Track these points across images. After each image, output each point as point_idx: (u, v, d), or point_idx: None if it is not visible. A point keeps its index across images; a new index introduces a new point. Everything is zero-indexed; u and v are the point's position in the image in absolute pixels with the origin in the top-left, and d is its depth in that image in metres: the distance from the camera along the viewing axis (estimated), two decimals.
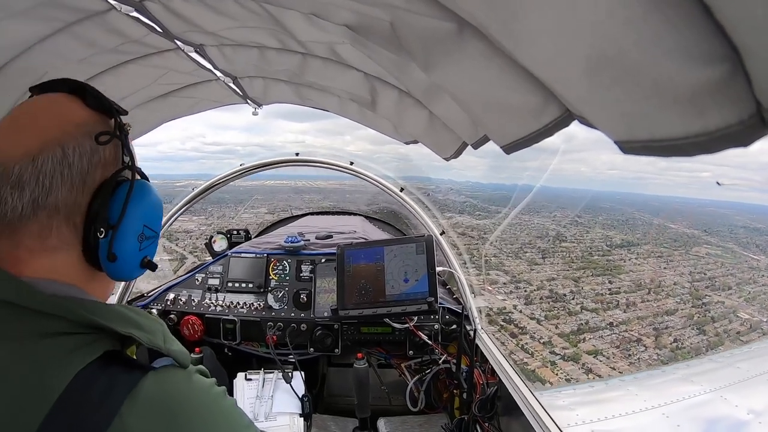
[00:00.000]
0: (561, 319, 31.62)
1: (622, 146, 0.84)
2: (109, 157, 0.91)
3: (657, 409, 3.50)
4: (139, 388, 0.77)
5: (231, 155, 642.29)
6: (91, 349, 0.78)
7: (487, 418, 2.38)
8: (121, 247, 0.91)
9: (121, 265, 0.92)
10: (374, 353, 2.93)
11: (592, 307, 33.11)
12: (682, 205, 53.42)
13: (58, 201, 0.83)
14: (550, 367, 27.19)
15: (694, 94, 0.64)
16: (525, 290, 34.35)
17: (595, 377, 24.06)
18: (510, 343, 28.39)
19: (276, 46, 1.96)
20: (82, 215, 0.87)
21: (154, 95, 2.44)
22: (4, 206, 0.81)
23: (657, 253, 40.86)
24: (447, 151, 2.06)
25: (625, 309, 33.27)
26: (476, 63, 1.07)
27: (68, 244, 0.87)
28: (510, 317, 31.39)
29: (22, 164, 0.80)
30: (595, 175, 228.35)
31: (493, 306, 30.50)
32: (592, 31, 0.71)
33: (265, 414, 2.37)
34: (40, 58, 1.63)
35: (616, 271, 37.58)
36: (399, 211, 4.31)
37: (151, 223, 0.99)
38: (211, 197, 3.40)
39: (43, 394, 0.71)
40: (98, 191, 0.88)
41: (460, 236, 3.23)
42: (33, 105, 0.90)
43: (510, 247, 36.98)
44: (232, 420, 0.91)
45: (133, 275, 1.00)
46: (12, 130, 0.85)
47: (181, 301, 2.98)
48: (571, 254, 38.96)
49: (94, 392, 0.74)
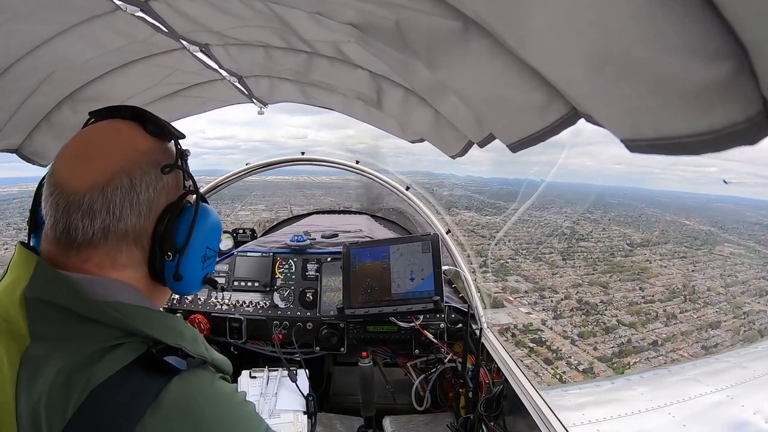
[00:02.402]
0: (598, 337, 28.30)
1: (628, 144, 0.84)
2: (171, 183, 0.96)
3: (663, 408, 3.49)
4: (163, 393, 0.79)
5: (234, 150, 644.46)
6: (123, 354, 0.81)
7: (492, 417, 2.37)
8: (186, 268, 0.97)
9: (186, 284, 0.98)
10: (380, 352, 2.93)
11: (628, 320, 30.07)
12: (691, 201, 52.30)
13: (128, 227, 0.89)
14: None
15: (701, 91, 0.64)
16: (551, 300, 31.47)
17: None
18: (545, 372, 25.56)
19: (281, 45, 1.96)
20: (148, 238, 0.92)
21: (160, 95, 2.44)
22: (75, 231, 0.85)
23: (680, 253, 39.05)
24: (453, 150, 2.05)
25: (666, 322, 30.33)
26: (481, 61, 1.07)
27: (136, 262, 0.93)
28: (539, 336, 27.98)
29: (93, 194, 0.85)
30: (602, 170, 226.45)
31: (518, 321, 28.07)
32: (597, 28, 0.71)
33: (269, 411, 2.38)
34: (46, 58, 1.64)
35: (644, 275, 35.37)
36: (404, 209, 4.30)
37: (212, 244, 1.05)
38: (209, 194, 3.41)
39: (70, 398, 0.74)
40: (163, 215, 0.93)
41: (470, 235, 3.22)
42: (98, 132, 0.94)
43: (526, 247, 35.32)
44: (252, 426, 0.94)
45: (195, 291, 1.06)
46: (81, 158, 0.89)
47: (187, 300, 2.99)
48: (592, 255, 37.10)
49: (119, 398, 0.76)
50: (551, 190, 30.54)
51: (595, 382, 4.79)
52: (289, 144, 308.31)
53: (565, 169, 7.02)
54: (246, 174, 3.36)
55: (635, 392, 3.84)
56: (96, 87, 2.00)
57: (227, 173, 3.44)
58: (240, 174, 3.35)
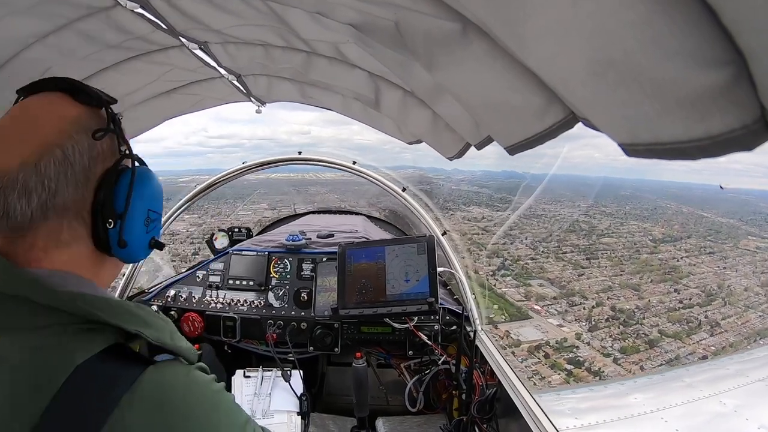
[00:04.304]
0: (642, 353, 24.84)
1: (625, 149, 0.84)
2: (106, 149, 0.93)
3: (656, 413, 3.50)
4: (138, 381, 0.78)
5: (237, 149, 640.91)
6: (93, 343, 0.80)
7: (485, 419, 2.37)
8: (130, 234, 0.95)
9: (131, 250, 0.96)
10: (374, 353, 2.93)
11: (671, 330, 26.72)
12: (702, 192, 51.02)
13: (66, 201, 0.86)
14: None
15: (698, 97, 0.64)
16: (582, 307, 27.97)
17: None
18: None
19: (280, 44, 1.96)
20: (89, 209, 0.90)
21: (157, 92, 2.44)
22: (15, 214, 0.83)
23: (707, 249, 36.20)
24: (450, 151, 2.06)
25: (710, 331, 26.91)
26: (480, 63, 1.07)
27: (80, 237, 0.90)
28: (576, 355, 24.16)
29: (25, 171, 0.82)
30: (609, 162, 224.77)
31: (550, 337, 25.49)
32: (596, 32, 0.71)
33: (262, 411, 2.37)
34: (43, 54, 1.64)
35: (675, 275, 32.21)
36: (401, 210, 4.30)
37: (154, 206, 1.03)
38: (211, 193, 3.40)
39: (44, 386, 0.73)
40: (101, 184, 0.91)
41: (484, 234, 3.19)
42: (25, 109, 0.91)
43: (546, 246, 33.08)
44: (231, 415, 0.92)
45: (142, 257, 1.05)
46: (10, 137, 0.86)
47: (182, 298, 2.98)
48: (616, 252, 34.15)
49: (95, 385, 0.75)
50: (560, 183, 28.63)
51: (588, 385, 4.76)
52: (293, 141, 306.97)
53: (572, 162, 6.95)
54: (242, 173, 3.35)
55: (629, 396, 3.85)
56: (93, 83, 1.98)
57: (224, 171, 3.42)
58: (236, 173, 3.34)
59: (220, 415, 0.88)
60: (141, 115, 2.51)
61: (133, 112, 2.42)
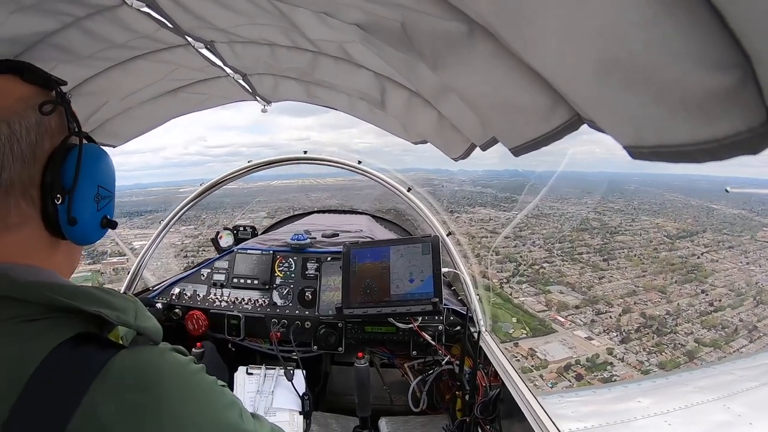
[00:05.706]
0: (682, 367, 21.87)
1: (630, 151, 0.83)
2: (55, 126, 0.92)
3: (660, 416, 3.48)
4: (110, 365, 0.76)
5: (237, 157, 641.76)
6: (61, 330, 0.79)
7: (488, 420, 2.37)
8: (79, 210, 0.93)
9: (82, 228, 0.94)
10: (377, 352, 2.93)
11: (708, 337, 24.66)
12: (706, 184, 49.68)
13: (13, 177, 0.84)
14: None
15: (704, 100, 0.64)
16: (609, 315, 25.85)
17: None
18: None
19: (286, 44, 1.96)
20: (37, 187, 0.88)
21: (163, 91, 2.44)
22: None
23: (725, 243, 34.00)
24: (455, 152, 2.05)
25: (749, 336, 24.90)
26: (485, 64, 1.07)
27: (29, 218, 0.88)
28: (612, 374, 21.75)
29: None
30: (610, 156, 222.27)
31: (579, 353, 23.03)
32: (602, 33, 0.70)
33: (264, 408, 2.38)
34: (48, 52, 1.64)
35: (700, 274, 30.06)
36: (406, 210, 4.29)
37: (104, 183, 1.01)
38: (210, 202, 3.39)
39: (14, 376, 0.72)
40: (49, 161, 0.89)
41: (493, 236, 3.17)
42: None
43: (559, 247, 31.27)
44: (212, 395, 0.89)
45: (95, 237, 1.02)
46: None
47: (186, 296, 3.00)
48: (633, 251, 32.18)
49: (66, 371, 0.74)
50: (564, 181, 27.60)
51: (591, 388, 4.74)
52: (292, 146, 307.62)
53: (574, 158, 6.90)
54: (248, 171, 3.35)
55: (633, 399, 3.83)
56: (98, 81, 2.00)
57: (229, 171, 3.43)
58: (241, 172, 3.34)
59: (200, 395, 0.86)
60: (146, 114, 2.51)
61: (138, 111, 2.43)
